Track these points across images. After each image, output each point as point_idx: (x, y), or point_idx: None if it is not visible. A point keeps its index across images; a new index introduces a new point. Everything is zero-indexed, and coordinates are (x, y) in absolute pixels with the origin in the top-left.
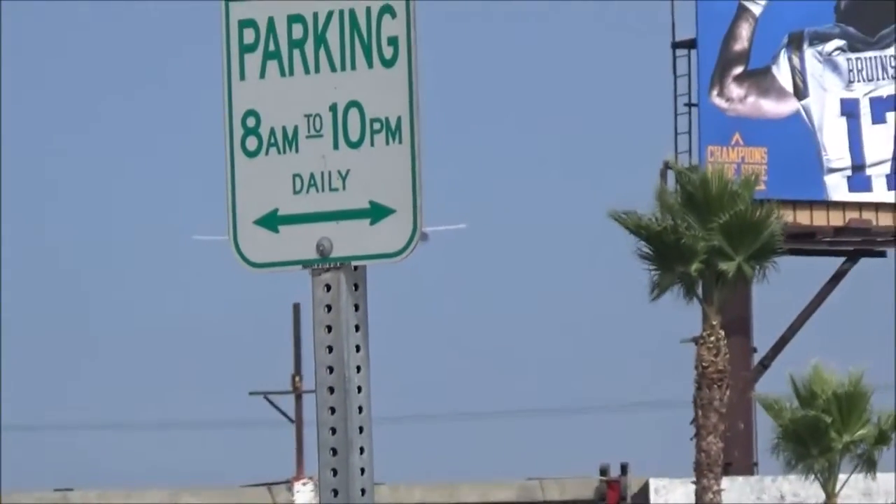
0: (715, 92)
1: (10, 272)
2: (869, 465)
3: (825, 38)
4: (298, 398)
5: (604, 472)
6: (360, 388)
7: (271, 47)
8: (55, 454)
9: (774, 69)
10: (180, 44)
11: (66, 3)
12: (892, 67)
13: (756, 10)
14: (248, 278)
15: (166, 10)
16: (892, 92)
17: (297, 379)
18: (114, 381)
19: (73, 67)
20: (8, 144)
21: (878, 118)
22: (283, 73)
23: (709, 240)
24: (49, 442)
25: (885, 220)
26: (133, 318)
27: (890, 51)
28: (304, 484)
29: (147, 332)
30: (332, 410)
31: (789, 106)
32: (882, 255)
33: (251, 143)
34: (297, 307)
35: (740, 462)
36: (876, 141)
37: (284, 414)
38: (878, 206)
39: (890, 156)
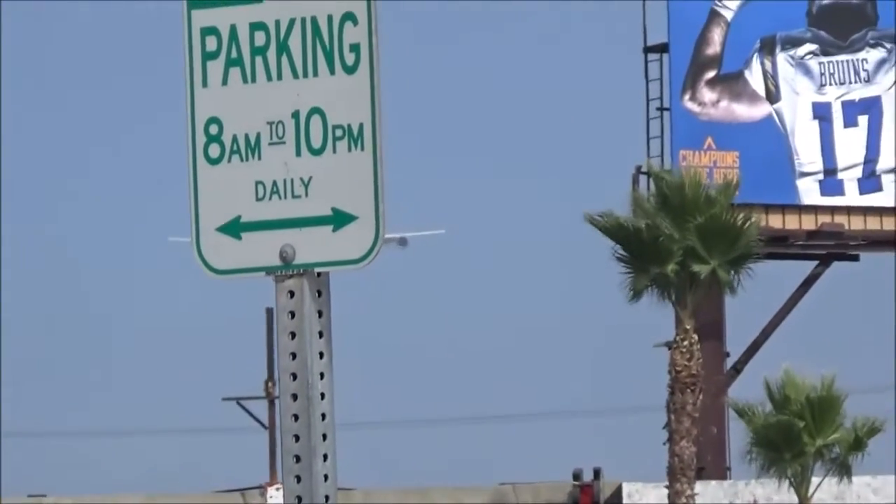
0: (687, 96)
1: None
2: (842, 469)
3: (797, 42)
4: (271, 403)
5: (577, 476)
6: (323, 395)
7: (234, 54)
8: (28, 460)
9: (747, 73)
10: (160, 41)
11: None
12: (864, 71)
13: (728, 14)
14: (221, 283)
15: (162, 8)
16: (864, 95)
17: (269, 384)
18: (87, 386)
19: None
20: None
21: (850, 122)
22: (245, 81)
23: (683, 242)
24: (22, 448)
25: (857, 223)
26: (106, 324)
27: (862, 54)
28: (277, 489)
29: (120, 338)
30: (296, 417)
31: (761, 110)
32: (855, 258)
33: (214, 150)
34: (270, 312)
35: (713, 466)
36: (848, 145)
37: (257, 419)
38: (850, 210)
39: (862, 159)
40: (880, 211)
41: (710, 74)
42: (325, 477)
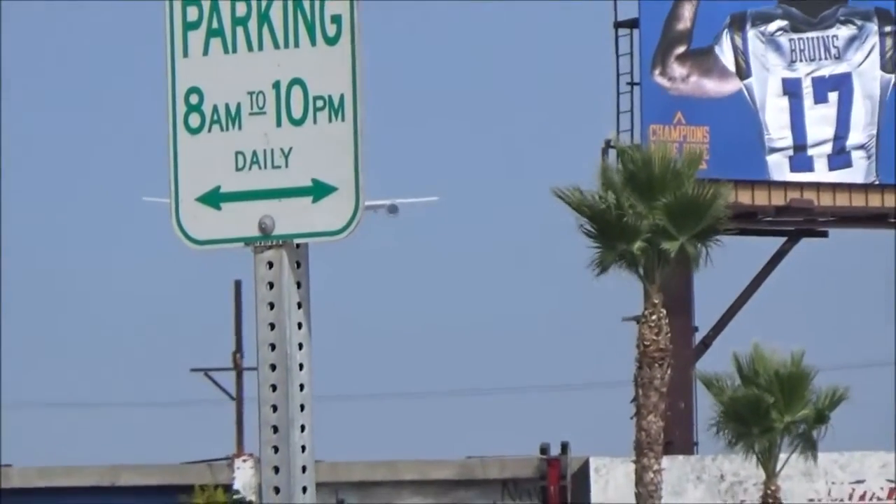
0: (657, 71)
1: None
2: (808, 444)
3: (768, 18)
4: (239, 375)
5: (544, 450)
6: (301, 366)
7: (214, 25)
8: None
9: (717, 49)
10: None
11: None
12: (834, 48)
13: None
14: (189, 255)
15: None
16: (835, 72)
17: (237, 356)
18: (53, 358)
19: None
20: None
21: (820, 98)
22: (226, 51)
23: (651, 218)
24: None
25: (826, 200)
26: (72, 295)
27: (832, 31)
28: (244, 461)
29: (86, 309)
30: (274, 388)
31: (731, 85)
32: (823, 234)
33: (194, 120)
34: (238, 284)
35: (681, 441)
36: (818, 121)
37: (225, 391)
38: (819, 186)
39: (832, 136)
40: (849, 187)
41: (681, 50)
42: (303, 448)
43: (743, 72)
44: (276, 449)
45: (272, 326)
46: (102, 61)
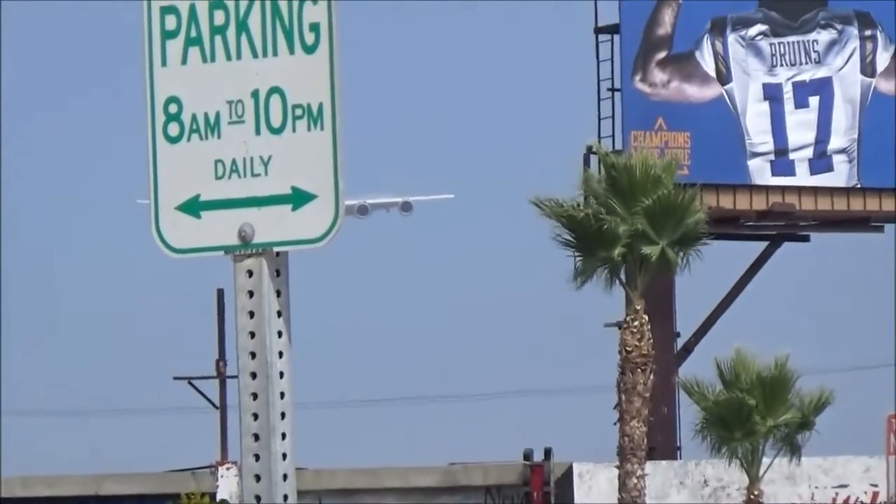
0: (638, 77)
1: None
2: (792, 449)
3: (748, 22)
4: (222, 383)
5: (527, 456)
6: (282, 374)
7: (193, 34)
8: None
9: (697, 54)
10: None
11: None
12: (814, 52)
13: None
14: (172, 263)
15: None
16: (815, 76)
17: (220, 364)
18: (34, 366)
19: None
20: None
21: (801, 102)
22: (205, 60)
23: (632, 224)
24: None
25: (807, 204)
26: (53, 303)
27: (812, 35)
28: (228, 469)
29: (70, 317)
30: (255, 396)
31: (712, 90)
32: (805, 239)
33: (173, 129)
34: (220, 292)
35: (664, 446)
36: (799, 125)
37: (208, 399)
38: (800, 191)
39: (813, 140)
40: (831, 191)
41: (661, 55)
42: (284, 455)
43: (723, 77)
44: (257, 457)
45: (252, 335)
46: (97, 62)
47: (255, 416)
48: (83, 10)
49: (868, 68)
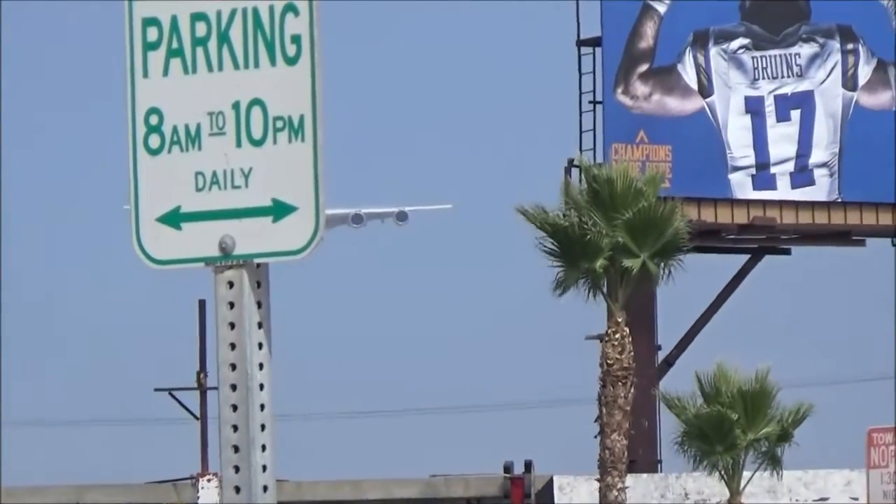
0: (620, 90)
1: None
2: (773, 462)
3: (730, 36)
4: (203, 395)
5: (508, 469)
6: (262, 386)
7: (174, 45)
8: None
9: (679, 67)
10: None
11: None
12: (796, 66)
13: (661, 8)
14: (153, 274)
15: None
16: (797, 90)
17: (201, 375)
18: (15, 376)
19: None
20: None
21: (782, 116)
22: (186, 71)
23: (613, 236)
24: None
25: (789, 217)
26: (33, 313)
27: (794, 49)
28: (208, 480)
29: (49, 328)
30: (235, 408)
31: (694, 104)
32: (786, 252)
33: (154, 140)
34: (202, 303)
35: (644, 460)
36: (780, 139)
37: (189, 410)
38: (782, 204)
39: (794, 154)
40: (812, 205)
41: (643, 68)
42: (264, 467)
43: (705, 90)
44: (237, 469)
45: (233, 346)
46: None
47: (235, 428)
48: (83, 10)
49: (850, 82)
